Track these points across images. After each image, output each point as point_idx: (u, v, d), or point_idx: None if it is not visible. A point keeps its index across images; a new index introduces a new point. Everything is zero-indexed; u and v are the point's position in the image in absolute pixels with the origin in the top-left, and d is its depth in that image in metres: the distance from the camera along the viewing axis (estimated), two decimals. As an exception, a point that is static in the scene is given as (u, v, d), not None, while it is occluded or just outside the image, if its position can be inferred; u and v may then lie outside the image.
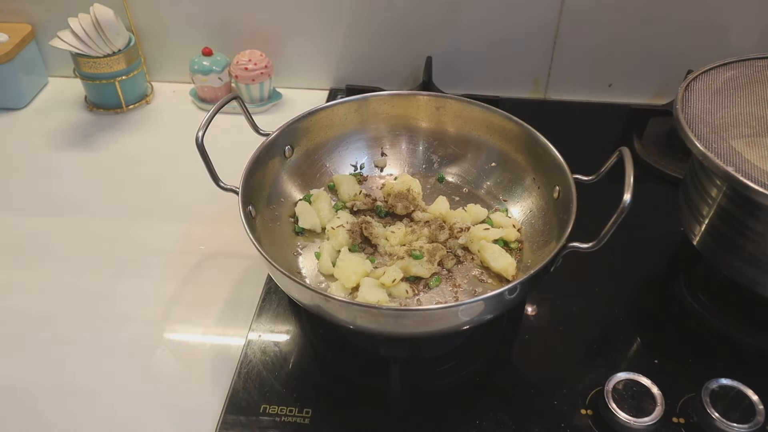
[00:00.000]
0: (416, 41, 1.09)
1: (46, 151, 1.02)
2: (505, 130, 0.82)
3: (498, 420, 0.64)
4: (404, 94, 0.86)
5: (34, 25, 1.12)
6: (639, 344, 0.73)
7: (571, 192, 0.68)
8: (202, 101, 1.11)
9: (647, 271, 0.83)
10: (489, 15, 1.05)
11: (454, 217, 0.79)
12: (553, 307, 0.77)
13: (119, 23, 1.03)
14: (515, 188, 0.82)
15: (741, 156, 0.63)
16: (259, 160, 0.75)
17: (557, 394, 0.67)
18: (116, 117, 1.09)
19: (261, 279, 0.79)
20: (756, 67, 0.75)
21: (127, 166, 0.99)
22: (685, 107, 0.70)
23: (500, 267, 0.73)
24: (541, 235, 0.76)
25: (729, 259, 0.69)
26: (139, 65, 1.09)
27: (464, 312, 0.59)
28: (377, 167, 0.89)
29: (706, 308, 0.76)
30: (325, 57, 1.13)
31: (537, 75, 1.12)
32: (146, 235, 0.87)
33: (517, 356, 0.72)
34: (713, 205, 0.69)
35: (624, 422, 0.60)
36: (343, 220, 0.78)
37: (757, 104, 0.70)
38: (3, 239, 0.86)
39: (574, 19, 1.04)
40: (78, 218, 0.89)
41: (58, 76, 1.18)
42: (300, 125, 0.81)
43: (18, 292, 0.79)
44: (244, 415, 0.64)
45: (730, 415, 0.60)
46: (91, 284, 0.80)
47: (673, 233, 0.85)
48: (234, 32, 1.10)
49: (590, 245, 0.61)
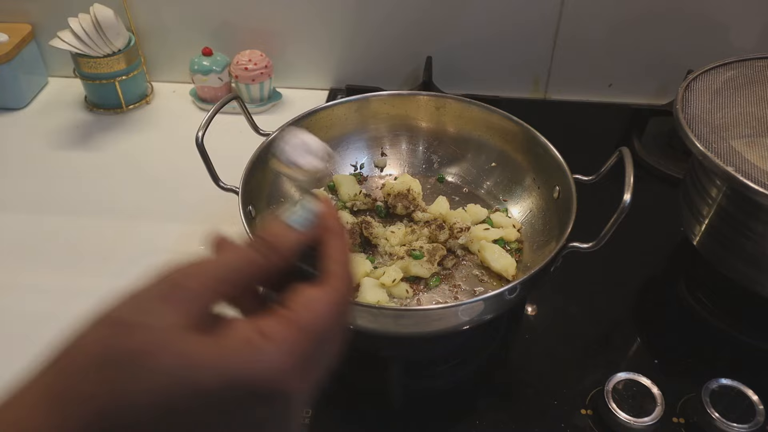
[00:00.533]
0: (416, 41, 1.09)
1: (46, 151, 1.02)
2: (505, 130, 0.82)
3: (498, 420, 0.64)
4: (404, 94, 0.86)
5: (34, 25, 1.11)
6: (639, 344, 0.73)
7: (571, 192, 0.68)
8: (202, 101, 1.11)
9: (647, 271, 0.83)
10: (489, 15, 1.05)
11: (454, 217, 0.79)
12: (553, 307, 0.77)
13: (119, 23, 1.03)
14: (515, 188, 0.82)
15: (741, 156, 0.63)
16: (259, 160, 0.74)
17: (557, 394, 0.67)
18: (116, 117, 1.09)
19: (261, 279, 0.79)
20: (756, 67, 0.75)
21: (127, 166, 0.99)
22: (685, 107, 0.70)
23: (500, 267, 0.73)
24: (541, 235, 0.76)
25: (729, 259, 0.69)
26: (139, 65, 1.09)
27: (464, 312, 0.59)
28: (377, 167, 0.89)
29: (706, 308, 0.76)
30: (325, 57, 1.13)
31: (537, 75, 1.12)
32: (146, 235, 0.86)
33: (517, 356, 0.72)
34: (713, 205, 0.69)
35: (624, 422, 0.60)
36: (343, 220, 0.78)
37: (757, 104, 0.70)
38: (3, 239, 0.86)
39: (574, 19, 1.04)
40: (78, 218, 0.89)
41: (58, 76, 1.18)
42: (300, 125, 0.81)
43: (18, 292, 0.79)
44: (244, 415, 0.64)
45: (730, 415, 0.60)
46: (92, 284, 0.79)
47: (673, 233, 0.85)
48: (234, 32, 1.10)
49: (590, 245, 0.61)
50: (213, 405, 0.29)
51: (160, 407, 0.28)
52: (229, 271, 0.32)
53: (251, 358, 0.29)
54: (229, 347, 0.29)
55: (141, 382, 0.28)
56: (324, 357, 0.33)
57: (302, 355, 0.30)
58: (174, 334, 0.29)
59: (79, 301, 0.76)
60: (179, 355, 0.28)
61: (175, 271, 0.32)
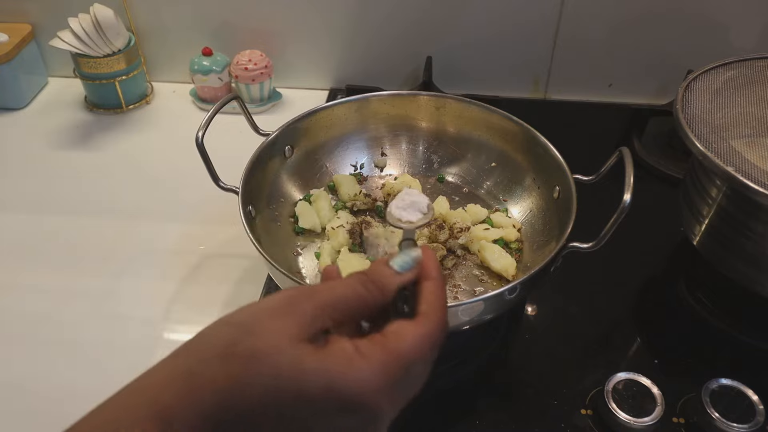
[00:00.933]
0: (416, 41, 1.09)
1: (46, 151, 1.02)
2: (505, 130, 0.82)
3: (498, 420, 0.64)
4: (404, 94, 0.86)
5: (34, 25, 1.11)
6: (639, 344, 0.73)
7: (571, 192, 0.68)
8: (202, 101, 1.11)
9: (647, 271, 0.83)
10: (489, 15, 1.05)
11: (454, 217, 0.79)
12: (553, 307, 0.77)
13: (119, 23, 1.03)
14: (515, 188, 0.82)
15: (741, 156, 0.63)
16: (259, 160, 0.75)
17: (557, 394, 0.67)
18: (116, 117, 1.09)
19: (261, 279, 0.79)
20: (756, 67, 0.75)
21: (127, 166, 0.99)
22: (685, 107, 0.70)
23: (500, 267, 0.73)
24: (541, 235, 0.76)
25: (729, 259, 0.69)
26: (139, 65, 1.09)
27: (464, 312, 0.59)
28: (377, 167, 0.89)
29: (706, 308, 0.76)
30: (325, 57, 1.13)
31: (537, 75, 1.12)
32: (146, 235, 0.87)
33: (517, 356, 0.72)
34: (713, 205, 0.69)
35: (624, 422, 0.60)
36: (343, 220, 0.78)
37: (757, 104, 0.70)
38: (3, 239, 0.86)
39: (574, 19, 1.04)
40: (78, 218, 0.89)
41: (58, 76, 1.18)
42: (300, 125, 0.81)
43: (18, 292, 0.79)
44: (244, 415, 0.64)
45: (730, 415, 0.60)
46: (92, 284, 0.80)
47: (673, 233, 0.85)
48: (234, 32, 1.10)
49: (590, 245, 0.61)
50: (311, 407, 0.33)
51: (269, 403, 0.32)
52: (338, 300, 0.37)
53: (348, 371, 0.33)
54: (331, 359, 0.33)
55: (256, 377, 0.32)
56: (410, 385, 0.36)
57: (392, 378, 0.34)
58: (288, 341, 0.33)
59: (79, 301, 0.77)
60: (291, 358, 0.33)
61: (292, 291, 0.37)
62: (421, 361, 0.36)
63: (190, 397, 0.32)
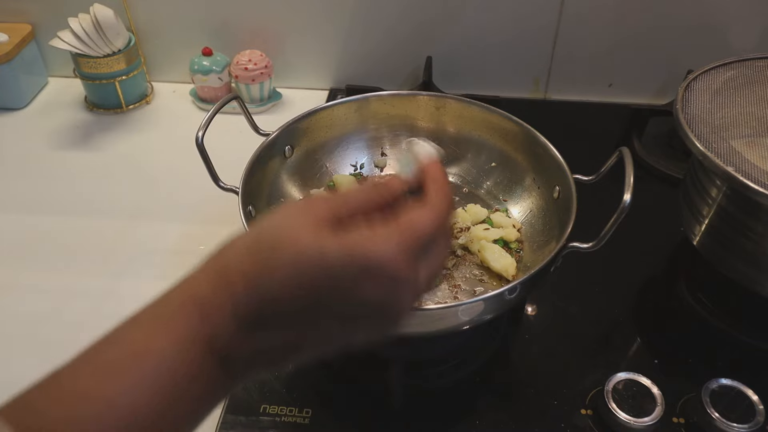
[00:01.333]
0: (416, 41, 1.09)
1: (46, 151, 1.02)
2: (505, 130, 0.81)
3: (498, 420, 0.64)
4: (404, 94, 0.86)
5: (34, 25, 1.11)
6: (639, 344, 0.73)
7: (571, 192, 0.68)
8: (202, 101, 1.11)
9: (647, 271, 0.83)
10: (489, 15, 1.05)
11: (454, 217, 0.79)
12: (553, 307, 0.77)
13: (119, 23, 1.03)
14: (515, 188, 0.82)
15: (741, 156, 0.63)
16: (259, 160, 0.75)
17: (557, 394, 0.67)
18: (116, 117, 1.09)
19: (261, 279, 0.79)
20: (756, 67, 0.75)
21: (127, 166, 0.99)
22: (685, 107, 0.70)
23: (500, 267, 0.73)
24: (541, 235, 0.76)
25: (729, 259, 0.69)
26: (139, 65, 1.09)
27: (464, 312, 0.59)
28: (377, 167, 0.89)
29: (706, 308, 0.76)
30: (325, 57, 1.13)
31: (537, 75, 1.12)
32: (146, 235, 0.87)
33: (517, 356, 0.72)
34: (713, 205, 0.69)
35: (624, 422, 0.60)
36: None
37: (757, 104, 0.70)
38: (3, 239, 0.86)
39: (574, 19, 1.04)
40: (78, 218, 0.89)
41: (58, 76, 1.18)
42: (300, 125, 0.81)
43: (18, 292, 0.79)
44: (244, 414, 0.64)
45: (730, 415, 0.60)
46: (92, 284, 0.80)
47: (673, 233, 0.85)
48: (234, 32, 1.10)
49: (590, 245, 0.61)
50: (332, 278, 0.36)
51: (293, 283, 0.36)
52: (350, 200, 0.41)
53: (366, 242, 0.37)
54: (349, 236, 0.37)
55: (280, 259, 0.37)
56: (430, 256, 0.40)
57: (408, 246, 0.38)
58: (308, 228, 0.37)
59: (79, 301, 0.77)
60: (312, 240, 0.37)
61: (309, 198, 0.42)
62: (434, 236, 0.40)
63: (223, 288, 0.38)
